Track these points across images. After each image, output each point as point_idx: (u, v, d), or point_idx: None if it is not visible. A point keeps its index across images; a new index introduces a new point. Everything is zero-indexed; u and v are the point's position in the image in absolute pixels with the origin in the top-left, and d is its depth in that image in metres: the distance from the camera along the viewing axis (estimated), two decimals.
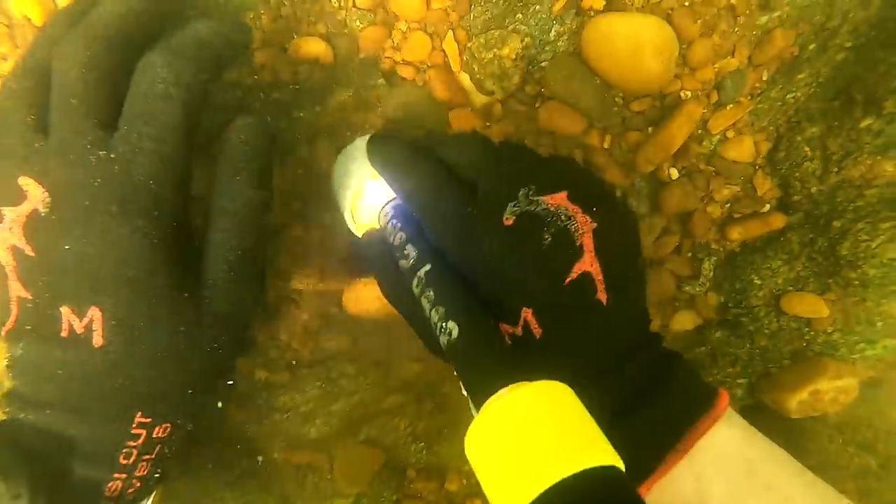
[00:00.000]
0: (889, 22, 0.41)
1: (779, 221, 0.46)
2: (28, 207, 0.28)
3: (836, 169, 0.43)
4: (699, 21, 0.42)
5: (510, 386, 0.24)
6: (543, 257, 0.29)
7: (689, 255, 0.50)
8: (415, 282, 0.30)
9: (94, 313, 0.29)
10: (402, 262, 0.32)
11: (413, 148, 0.34)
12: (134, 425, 0.31)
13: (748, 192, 0.47)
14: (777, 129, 0.46)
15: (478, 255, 0.30)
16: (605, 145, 0.48)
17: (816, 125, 0.44)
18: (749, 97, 0.45)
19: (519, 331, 0.29)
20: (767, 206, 0.47)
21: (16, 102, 0.29)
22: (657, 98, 0.45)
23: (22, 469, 0.28)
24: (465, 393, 0.28)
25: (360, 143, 0.38)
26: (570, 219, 0.29)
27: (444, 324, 0.27)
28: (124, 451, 0.31)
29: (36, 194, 0.28)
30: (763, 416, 0.51)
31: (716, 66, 0.44)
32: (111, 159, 0.28)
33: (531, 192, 0.30)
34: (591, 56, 0.44)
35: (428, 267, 0.30)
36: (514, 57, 0.41)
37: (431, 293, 0.29)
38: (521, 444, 0.22)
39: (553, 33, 0.43)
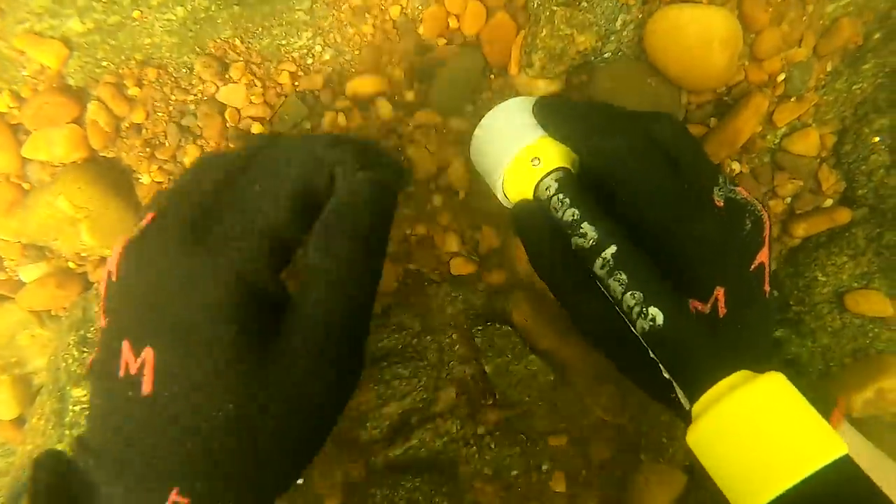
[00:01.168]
0: None
1: (844, 216, 0.45)
2: (139, 228, 0.26)
3: None
4: (770, 9, 0.41)
5: (733, 377, 0.24)
6: (744, 242, 0.30)
7: None
8: (598, 262, 0.29)
9: (147, 354, 0.24)
10: (578, 241, 0.30)
11: (605, 110, 0.33)
12: (167, 502, 0.24)
13: (812, 187, 0.47)
14: (843, 122, 0.45)
15: (686, 230, 0.29)
16: None
17: (885, 116, 0.43)
18: (814, 89, 0.44)
19: (707, 308, 0.29)
20: (830, 201, 0.47)
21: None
22: (721, 92, 0.45)
23: None
24: (666, 376, 0.28)
25: (512, 105, 0.35)
26: (761, 212, 0.31)
27: (643, 308, 0.27)
28: None
29: (149, 219, 0.26)
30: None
31: (783, 56, 0.43)
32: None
33: (728, 182, 0.31)
34: (655, 47, 0.43)
35: (614, 248, 0.29)
36: (582, 48, 0.41)
37: (623, 276, 0.28)
38: (757, 441, 0.23)
39: (619, 22, 0.42)
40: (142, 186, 0.41)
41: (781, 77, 0.44)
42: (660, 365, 0.28)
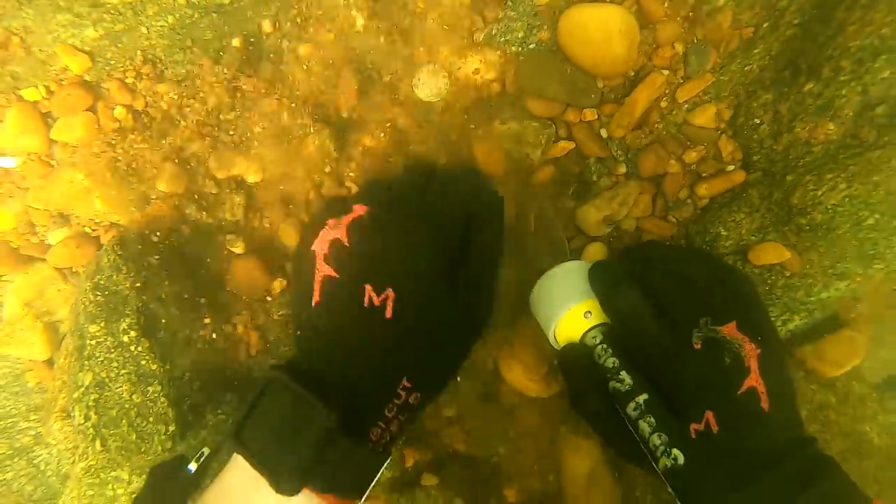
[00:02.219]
0: (827, 0, 0.47)
1: (739, 176, 0.52)
2: (353, 215, 0.40)
3: (786, 130, 0.49)
4: (666, 4, 0.48)
5: None
6: (724, 374, 0.38)
7: (663, 214, 0.56)
8: (631, 405, 0.39)
9: (389, 293, 0.38)
10: (615, 385, 0.40)
11: (625, 276, 0.43)
12: (400, 387, 0.37)
13: (714, 155, 0.54)
14: (737, 98, 0.52)
15: (674, 369, 0.39)
16: (585, 119, 0.54)
17: (770, 92, 0.50)
18: (711, 71, 0.51)
19: (702, 427, 0.37)
20: (732, 167, 0.54)
21: None
22: (630, 76, 0.52)
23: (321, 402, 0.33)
24: None
25: (571, 267, 0.47)
26: (740, 346, 0.38)
27: (668, 449, 0.36)
28: (388, 405, 0.37)
29: (360, 209, 0.40)
30: None
31: (677, 44, 0.50)
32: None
33: (708, 322, 0.39)
34: (567, 43, 0.51)
35: (646, 396, 0.39)
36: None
37: (653, 419, 0.38)
38: None
39: (538, 20, 0.50)
40: (142, 160, 0.50)
41: (681, 61, 0.51)
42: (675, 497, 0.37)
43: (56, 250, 0.50)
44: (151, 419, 0.48)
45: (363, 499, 0.37)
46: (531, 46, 0.53)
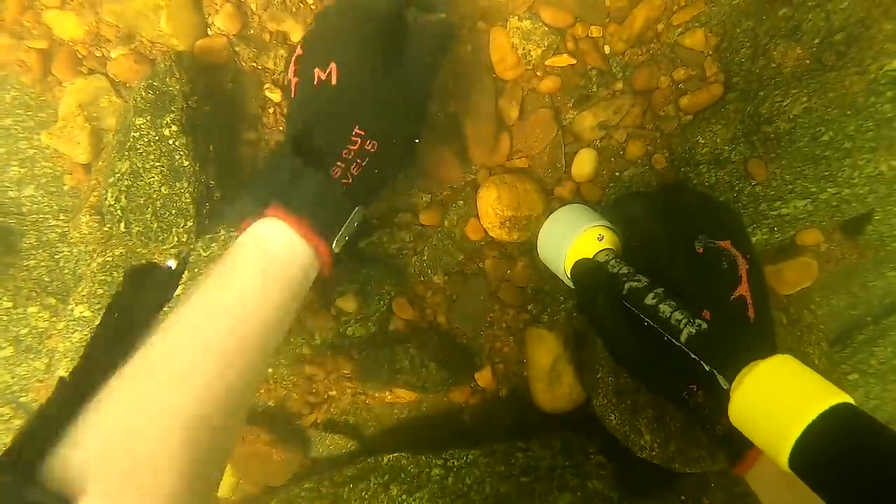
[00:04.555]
0: None
1: (717, 89, 0.59)
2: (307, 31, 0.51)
3: (762, 53, 0.57)
4: None
5: (756, 361, 0.37)
6: (721, 276, 0.44)
7: (651, 125, 0.64)
8: (650, 295, 0.44)
9: (333, 67, 0.44)
10: (633, 284, 0.45)
11: (636, 200, 0.50)
12: (353, 134, 0.44)
13: (700, 75, 0.61)
14: (723, 25, 0.60)
15: (678, 271, 0.45)
16: (591, 34, 0.62)
17: (750, 20, 0.58)
18: (704, 3, 0.60)
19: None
20: (714, 87, 0.61)
21: None
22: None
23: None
24: (707, 368, 0.41)
25: (576, 206, 0.54)
26: (735, 258, 0.44)
27: (691, 319, 0.41)
28: (345, 149, 0.43)
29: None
30: None
31: None
32: None
33: (707, 237, 0.45)
34: None
35: (662, 288, 0.44)
36: None
37: (672, 302, 0.43)
38: (783, 396, 0.34)
39: None
40: None
41: None
42: (700, 363, 0.42)
43: (116, 62, 0.57)
44: (174, 211, 0.53)
45: (335, 244, 0.43)
46: None
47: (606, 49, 0.63)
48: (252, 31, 0.59)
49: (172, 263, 0.40)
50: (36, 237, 0.61)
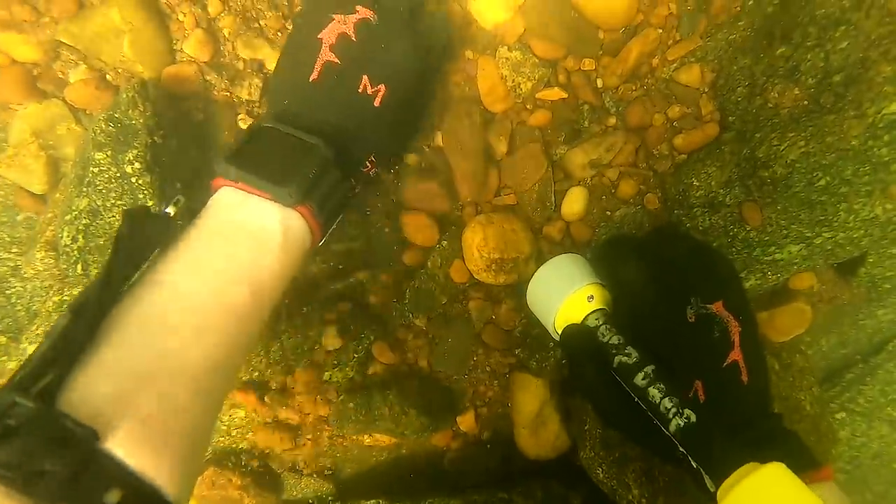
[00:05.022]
0: None
1: (713, 129, 0.57)
2: (360, 16, 0.46)
3: (759, 92, 0.55)
4: None
5: (746, 467, 0.35)
6: (713, 346, 0.42)
7: (644, 164, 0.61)
8: (640, 375, 0.41)
9: (381, 87, 0.46)
10: (622, 358, 0.43)
11: (630, 250, 0.47)
12: (367, 160, 0.48)
13: (695, 113, 0.59)
14: (720, 62, 0.58)
15: (670, 341, 0.43)
16: (584, 68, 0.60)
17: (748, 57, 0.56)
18: (700, 36, 0.58)
19: (690, 395, 0.41)
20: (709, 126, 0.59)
21: None
22: (628, 30, 0.58)
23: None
24: (694, 465, 0.39)
25: (569, 259, 0.51)
26: (727, 323, 0.43)
27: (679, 410, 0.39)
28: (356, 174, 0.47)
29: (367, 13, 0.46)
30: None
31: (672, 5, 0.56)
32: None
33: (699, 301, 0.43)
34: None
35: (653, 366, 0.42)
36: None
37: (662, 385, 0.41)
38: None
39: None
40: (175, 22, 0.53)
41: (675, 23, 0.57)
42: (688, 457, 0.40)
43: (75, 87, 0.53)
44: None
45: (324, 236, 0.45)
46: None
47: (599, 83, 0.61)
48: (224, 59, 0.56)
49: (170, 210, 0.40)
50: None
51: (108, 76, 0.54)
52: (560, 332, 0.49)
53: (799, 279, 0.63)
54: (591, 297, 0.48)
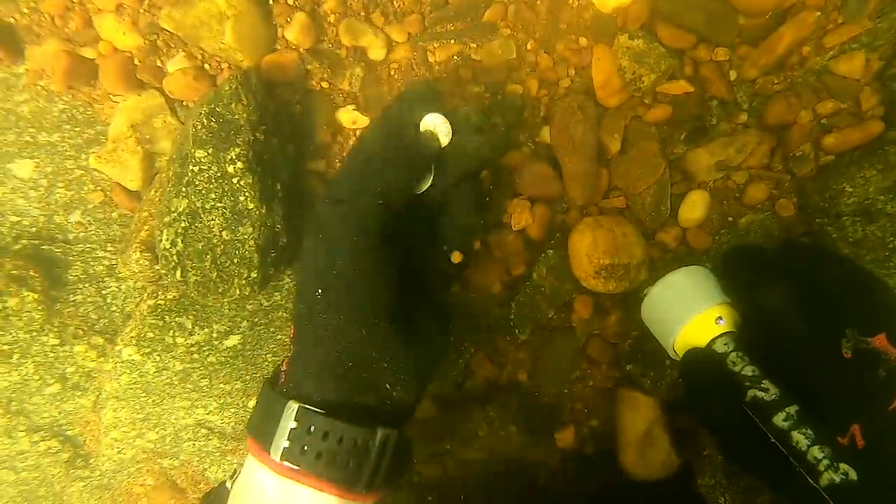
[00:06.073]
0: None
1: (876, 127, 0.49)
2: None
3: None
4: None
5: None
6: (875, 387, 0.36)
7: (780, 167, 0.54)
8: (780, 416, 0.36)
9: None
10: (758, 393, 0.38)
11: (770, 264, 0.41)
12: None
13: (852, 109, 0.51)
14: (893, 49, 0.50)
15: (820, 378, 0.37)
16: (716, 58, 0.53)
17: None
18: (869, 17, 0.49)
19: (846, 441, 0.35)
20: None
21: None
22: (776, 15, 0.50)
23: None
24: None
25: (697, 272, 0.45)
26: (894, 362, 0.36)
27: (833, 463, 0.34)
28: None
29: None
30: None
31: None
32: None
33: (857, 332, 0.37)
34: None
35: (798, 406, 0.37)
36: None
37: (810, 431, 0.35)
38: None
39: None
40: (278, 4, 0.49)
41: (838, 2, 0.49)
42: None
43: (173, 77, 0.50)
44: (236, 260, 0.47)
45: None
46: None
47: (733, 75, 0.54)
48: (326, 46, 0.51)
49: (229, 485, 0.40)
50: (82, 269, 0.55)
51: (206, 65, 0.51)
52: (681, 355, 0.44)
53: None
54: (721, 318, 0.42)
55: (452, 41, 0.54)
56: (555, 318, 0.57)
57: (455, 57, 0.55)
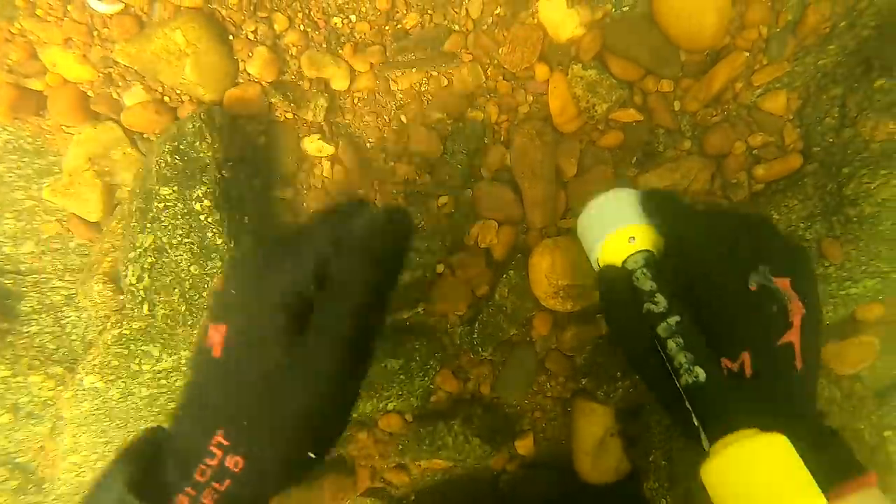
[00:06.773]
0: None
1: (796, 161, 0.55)
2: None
3: (850, 124, 0.53)
4: None
5: (744, 431, 0.33)
6: (769, 320, 0.39)
7: (719, 193, 0.59)
8: (662, 325, 0.39)
9: (221, 328, 0.33)
10: (650, 306, 0.40)
11: (687, 207, 0.43)
12: (213, 442, 0.30)
13: (777, 142, 0.57)
14: (808, 89, 0.56)
15: (722, 304, 0.40)
16: (661, 89, 0.57)
17: (839, 87, 0.54)
18: (787, 60, 0.55)
19: (736, 367, 0.38)
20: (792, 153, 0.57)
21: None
22: (712, 54, 0.55)
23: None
24: (696, 423, 0.37)
25: (619, 194, 0.46)
26: (790, 301, 0.39)
27: (690, 367, 0.37)
28: (201, 466, 0.30)
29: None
30: None
31: (762, 28, 0.53)
32: None
33: (767, 272, 0.40)
34: (661, 11, 0.53)
35: (678, 318, 0.39)
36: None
37: (681, 340, 0.38)
38: (757, 483, 0.31)
39: None
40: (239, 39, 0.49)
41: (762, 45, 0.54)
42: (692, 413, 0.37)
43: (132, 111, 0.49)
44: (205, 293, 0.47)
45: None
46: (625, 9, 0.55)
47: (676, 105, 0.58)
48: (289, 78, 0.52)
49: None
50: (37, 300, 0.54)
51: (166, 98, 0.50)
52: (600, 270, 0.46)
53: (868, 310, 0.62)
54: (633, 238, 0.44)
55: (414, 70, 0.56)
56: (516, 334, 0.61)
57: (417, 84, 0.56)
